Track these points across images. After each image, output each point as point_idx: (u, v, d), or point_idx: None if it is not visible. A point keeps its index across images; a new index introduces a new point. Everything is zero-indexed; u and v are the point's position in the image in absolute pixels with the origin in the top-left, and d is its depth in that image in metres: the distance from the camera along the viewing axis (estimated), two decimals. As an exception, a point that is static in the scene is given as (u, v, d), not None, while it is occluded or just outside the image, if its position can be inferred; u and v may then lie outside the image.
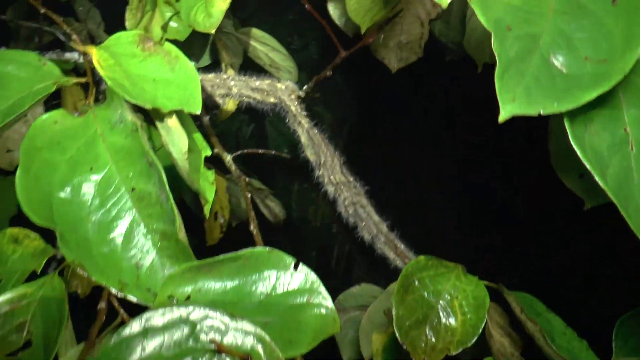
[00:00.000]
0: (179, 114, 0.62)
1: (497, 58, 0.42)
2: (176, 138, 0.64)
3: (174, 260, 0.54)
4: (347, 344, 0.98)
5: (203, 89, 0.80)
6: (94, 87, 0.63)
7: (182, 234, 0.51)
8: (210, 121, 0.85)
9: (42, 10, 0.82)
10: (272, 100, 0.76)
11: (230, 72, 1.05)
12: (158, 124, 0.62)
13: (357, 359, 0.97)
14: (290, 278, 0.53)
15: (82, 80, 0.63)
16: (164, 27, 0.97)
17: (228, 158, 0.75)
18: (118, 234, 0.55)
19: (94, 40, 1.22)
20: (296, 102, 0.75)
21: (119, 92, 0.56)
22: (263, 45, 1.09)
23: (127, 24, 1.02)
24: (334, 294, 1.00)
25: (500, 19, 0.45)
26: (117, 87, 0.56)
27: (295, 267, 0.53)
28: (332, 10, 1.09)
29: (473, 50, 0.74)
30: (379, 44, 0.84)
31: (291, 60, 1.10)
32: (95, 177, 0.56)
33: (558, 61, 0.46)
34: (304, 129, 0.75)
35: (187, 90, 0.61)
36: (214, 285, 0.53)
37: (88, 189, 0.55)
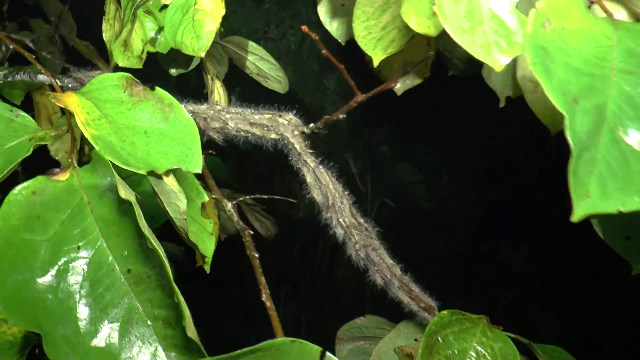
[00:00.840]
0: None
1: (570, 144, 0.36)
2: (172, 197, 0.56)
3: (182, 352, 0.47)
4: (350, 377, 0.93)
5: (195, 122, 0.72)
6: (75, 144, 0.54)
7: (191, 330, 0.44)
8: (205, 161, 0.77)
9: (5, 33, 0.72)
10: (273, 136, 0.68)
11: (222, 92, 0.97)
12: (150, 179, 0.55)
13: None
14: (315, 372, 0.47)
15: (63, 132, 0.55)
16: (152, 42, 0.88)
17: (229, 207, 0.68)
18: (114, 323, 0.47)
19: (66, 43, 1.12)
20: (300, 139, 0.68)
21: (108, 157, 0.48)
22: (249, 54, 1.01)
23: (104, 35, 0.92)
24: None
25: (566, 90, 0.38)
26: (105, 151, 0.49)
27: (322, 358, 0.47)
28: (322, 13, 1.01)
29: (495, 84, 0.67)
30: (383, 63, 0.76)
31: (280, 70, 1.02)
32: (84, 256, 0.48)
33: (628, 136, 0.39)
34: (309, 168, 0.68)
35: (185, 145, 0.53)
36: (229, 383, 0.46)
37: (76, 272, 0.48)
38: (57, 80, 0.79)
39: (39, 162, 0.61)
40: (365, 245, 0.70)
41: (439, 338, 0.62)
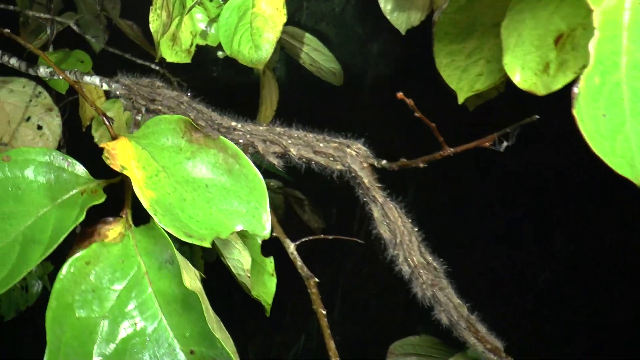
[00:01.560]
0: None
1: None
2: (235, 253, 0.51)
3: None
4: (401, 391, 0.90)
5: (253, 146, 0.66)
6: (129, 195, 0.49)
7: None
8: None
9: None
10: (339, 167, 0.62)
11: (273, 85, 0.90)
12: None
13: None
14: None
15: (116, 180, 0.50)
16: (202, 35, 0.82)
17: (291, 248, 0.63)
18: (175, 409, 0.44)
19: (110, 21, 1.05)
20: (369, 173, 0.62)
21: (169, 228, 0.43)
22: (304, 44, 0.93)
23: (151, 26, 0.85)
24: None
25: None
26: (165, 220, 0.43)
27: None
28: (382, 1, 0.94)
29: None
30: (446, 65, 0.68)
31: (336, 62, 0.95)
32: (143, 334, 0.44)
33: None
34: (377, 203, 0.62)
35: (251, 203, 0.48)
36: None
37: (135, 351, 0.44)
38: (104, 84, 0.73)
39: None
40: (433, 285, 0.65)
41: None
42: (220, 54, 1.02)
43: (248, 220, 0.47)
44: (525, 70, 0.44)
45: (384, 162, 0.60)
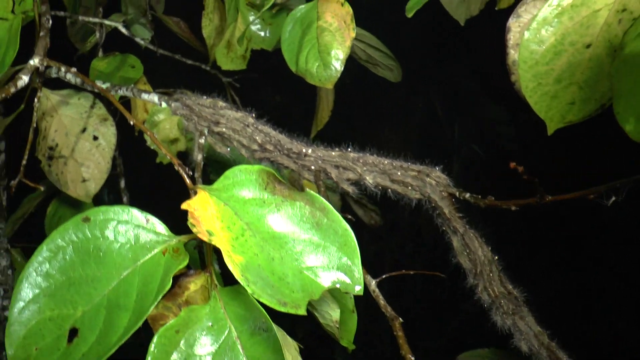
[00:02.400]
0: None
1: None
2: (324, 305, 0.49)
3: None
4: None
5: (325, 172, 0.63)
6: (211, 252, 0.47)
7: None
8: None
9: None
10: (417, 196, 0.59)
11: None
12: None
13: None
14: None
15: (196, 238, 0.48)
16: (257, 39, 0.78)
17: (372, 286, 0.60)
18: None
19: (155, 18, 1.01)
20: (449, 202, 0.59)
21: (263, 299, 0.41)
22: (359, 42, 0.89)
23: (204, 31, 0.82)
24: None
25: None
26: (256, 288, 0.41)
27: None
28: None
29: None
30: (532, 90, 0.64)
31: (394, 59, 0.90)
32: (236, 402, 0.43)
33: None
34: (458, 233, 0.60)
35: (342, 260, 0.45)
36: None
37: (230, 423, 0.42)
38: (163, 102, 0.70)
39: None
40: (513, 314, 0.63)
41: None
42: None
43: (339, 277, 0.45)
44: (641, 123, 0.40)
45: (467, 195, 0.57)
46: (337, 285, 0.44)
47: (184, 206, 0.44)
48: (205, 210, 0.45)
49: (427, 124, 1.89)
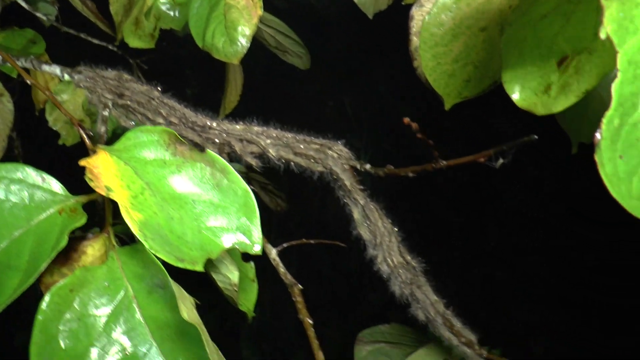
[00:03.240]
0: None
1: None
2: (222, 268, 0.50)
3: None
4: (369, 377, 0.91)
5: (229, 145, 0.64)
6: (110, 212, 0.47)
7: None
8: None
9: None
10: (320, 169, 0.61)
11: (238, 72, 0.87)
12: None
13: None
14: None
15: (96, 196, 0.47)
16: (165, 18, 0.77)
17: (273, 254, 0.61)
18: None
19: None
20: (351, 175, 0.61)
21: (160, 254, 0.41)
22: (268, 27, 0.90)
23: (111, 7, 0.80)
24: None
25: None
26: (154, 244, 0.41)
27: None
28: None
29: (568, 126, 0.59)
30: (432, 69, 0.67)
31: (302, 46, 0.92)
32: (133, 359, 0.43)
33: None
34: (358, 205, 0.62)
35: (241, 220, 0.46)
36: None
37: (126, 381, 0.42)
38: (66, 74, 0.68)
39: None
40: (411, 283, 0.65)
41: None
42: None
43: (238, 237, 0.46)
44: (525, 90, 0.43)
45: (367, 166, 0.59)
46: (236, 246, 0.45)
47: (82, 163, 0.43)
48: (104, 168, 0.44)
49: (337, 119, 1.92)
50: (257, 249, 0.46)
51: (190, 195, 0.46)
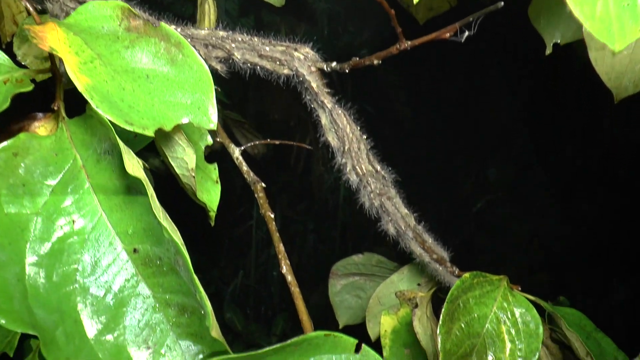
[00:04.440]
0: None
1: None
2: (179, 151, 0.48)
3: (198, 340, 0.42)
4: (344, 310, 0.90)
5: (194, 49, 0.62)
6: (60, 85, 0.45)
7: (215, 329, 0.38)
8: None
9: None
10: (285, 72, 0.59)
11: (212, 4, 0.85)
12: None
13: (352, 324, 0.91)
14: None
15: (45, 70, 0.46)
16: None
17: (236, 153, 0.60)
18: (119, 309, 0.41)
19: None
20: (317, 77, 0.59)
21: (108, 114, 0.39)
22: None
23: None
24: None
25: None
26: (103, 106, 0.40)
27: (357, 350, 0.42)
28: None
29: (612, 82, 0.57)
30: None
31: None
32: (81, 232, 0.41)
33: None
34: (326, 109, 0.60)
35: (196, 94, 0.45)
36: (254, 380, 0.41)
37: (72, 251, 0.41)
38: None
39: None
40: (381, 194, 0.64)
41: (460, 303, 0.58)
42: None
43: (193, 112, 0.44)
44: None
45: (333, 64, 0.58)
46: (191, 120, 0.44)
47: (25, 26, 0.42)
48: (51, 34, 0.42)
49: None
50: (212, 125, 0.44)
51: (144, 70, 0.44)
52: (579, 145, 1.80)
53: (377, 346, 0.76)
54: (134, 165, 0.38)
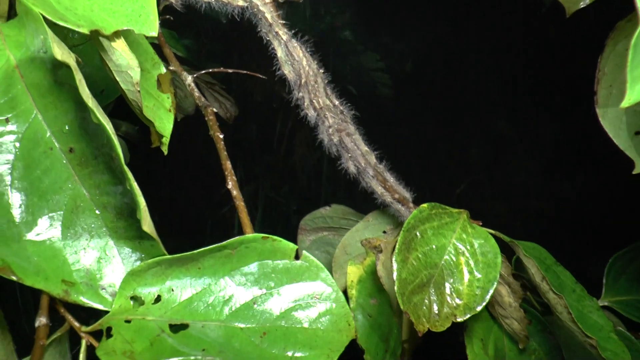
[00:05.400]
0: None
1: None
2: (123, 65, 0.47)
3: (136, 246, 0.41)
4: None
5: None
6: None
7: (146, 223, 0.38)
8: (160, 30, 0.66)
9: None
10: (240, 3, 0.59)
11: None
12: (97, 43, 0.46)
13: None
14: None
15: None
16: None
17: (188, 80, 0.59)
18: (55, 212, 0.40)
19: None
20: (272, 8, 0.59)
21: (38, 8, 0.39)
22: None
23: None
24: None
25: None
26: (37, 3, 0.39)
27: (297, 256, 0.42)
28: None
29: None
30: None
31: None
32: (15, 131, 0.40)
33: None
34: (281, 41, 0.60)
35: (137, 3, 0.44)
36: (191, 282, 0.40)
37: (6, 150, 0.40)
38: None
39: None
40: (339, 130, 0.64)
41: (417, 233, 0.58)
42: None
43: (134, 19, 0.43)
44: None
45: (288, -8, 0.57)
46: (130, 27, 0.43)
47: None
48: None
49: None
50: (153, 33, 0.44)
51: (83, -23, 0.44)
52: (560, 123, 1.80)
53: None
54: (64, 52, 0.38)
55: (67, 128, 0.40)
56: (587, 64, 0.60)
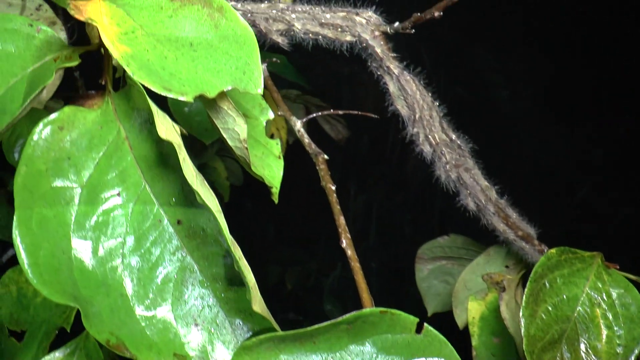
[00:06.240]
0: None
1: None
2: (230, 122, 0.46)
3: (248, 318, 0.40)
4: (432, 296, 0.86)
5: (254, 25, 0.60)
6: (109, 62, 0.44)
7: (256, 302, 0.36)
8: (267, 69, 0.65)
9: None
10: (348, 38, 0.56)
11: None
12: (202, 99, 0.45)
13: (441, 312, 0.86)
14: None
15: (94, 47, 0.45)
16: None
17: (298, 126, 0.57)
18: (166, 285, 0.40)
19: None
20: (382, 41, 0.55)
21: (144, 80, 0.38)
22: None
23: None
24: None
25: None
26: (139, 73, 0.38)
27: (419, 329, 0.38)
28: None
29: None
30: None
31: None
32: (126, 205, 0.40)
33: None
34: (393, 75, 0.56)
35: (241, 59, 0.42)
36: (305, 357, 0.38)
37: (117, 224, 0.40)
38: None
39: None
40: (457, 165, 0.59)
41: (546, 283, 0.52)
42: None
43: (238, 78, 0.42)
44: None
45: (396, 24, 0.54)
46: (235, 86, 0.42)
47: (70, 6, 0.41)
48: (92, 7, 0.42)
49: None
50: (259, 90, 0.42)
51: (188, 38, 0.43)
52: None
53: (465, 334, 0.71)
54: (168, 129, 0.37)
55: (173, 200, 0.40)
56: None
